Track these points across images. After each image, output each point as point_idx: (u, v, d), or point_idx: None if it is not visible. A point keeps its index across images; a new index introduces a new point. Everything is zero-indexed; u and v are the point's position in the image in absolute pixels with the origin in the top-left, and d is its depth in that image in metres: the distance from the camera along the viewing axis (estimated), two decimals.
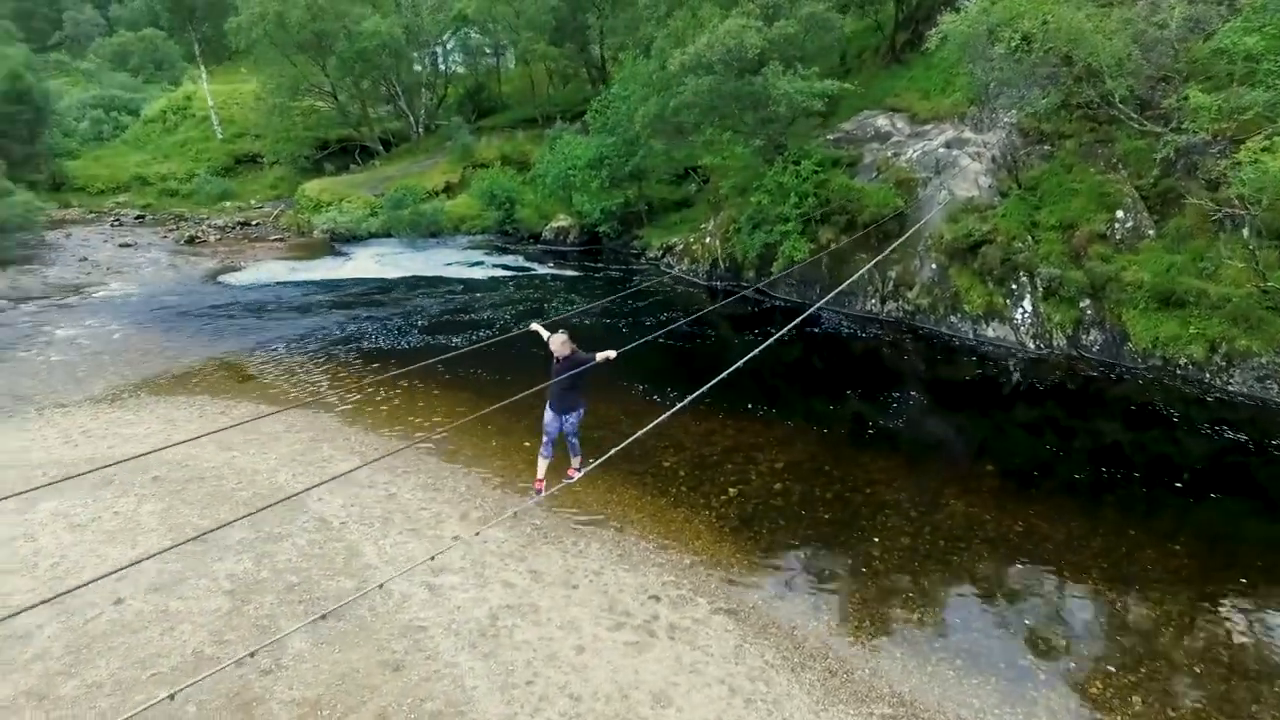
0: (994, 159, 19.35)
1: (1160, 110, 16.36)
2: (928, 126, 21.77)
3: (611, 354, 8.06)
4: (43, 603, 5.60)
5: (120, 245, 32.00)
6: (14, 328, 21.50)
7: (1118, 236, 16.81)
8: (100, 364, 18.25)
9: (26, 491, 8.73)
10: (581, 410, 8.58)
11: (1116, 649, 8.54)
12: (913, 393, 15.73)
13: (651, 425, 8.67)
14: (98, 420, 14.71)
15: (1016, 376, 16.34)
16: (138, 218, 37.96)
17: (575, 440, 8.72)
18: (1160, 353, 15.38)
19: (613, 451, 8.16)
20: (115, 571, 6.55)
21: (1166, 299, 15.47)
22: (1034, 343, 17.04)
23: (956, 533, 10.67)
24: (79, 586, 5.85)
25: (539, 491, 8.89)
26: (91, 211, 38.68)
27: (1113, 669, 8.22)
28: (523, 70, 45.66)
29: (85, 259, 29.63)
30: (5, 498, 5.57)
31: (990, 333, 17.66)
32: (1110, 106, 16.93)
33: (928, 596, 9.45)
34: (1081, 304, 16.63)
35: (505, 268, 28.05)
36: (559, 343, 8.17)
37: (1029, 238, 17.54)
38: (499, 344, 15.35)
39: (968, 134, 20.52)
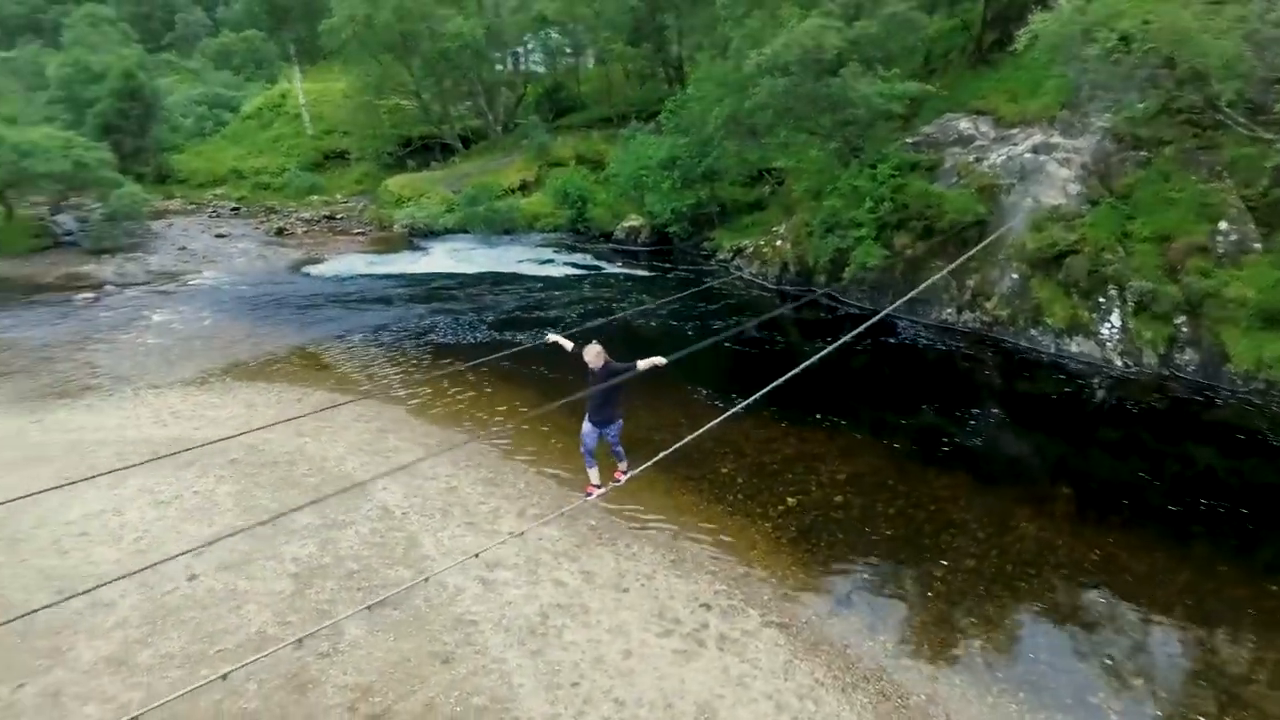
0: (1084, 165, 18.40)
1: (1274, 115, 15.22)
2: (1014, 130, 20.86)
3: (660, 360, 7.68)
4: (122, 577, 5.93)
5: (216, 235, 33.72)
6: (118, 312, 22.93)
7: (1220, 250, 15.75)
8: (191, 349, 19.27)
9: (114, 470, 9.26)
10: (620, 422, 8.40)
11: (1200, 693, 7.97)
12: (986, 408, 15.11)
13: (703, 430, 8.58)
14: (186, 402, 15.52)
15: (1100, 395, 15.49)
16: (233, 209, 39.91)
17: (619, 449, 8.64)
18: (1264, 375, 14.32)
19: (662, 455, 8.09)
20: (192, 550, 6.87)
21: (1273, 318, 14.40)
22: (1121, 360, 16.12)
23: (1026, 557, 10.18)
24: (160, 562, 6.16)
25: (589, 495, 8.88)
26: (192, 203, 40.87)
27: (1196, 715, 7.69)
28: (600, 70, 46.02)
29: (184, 248, 31.35)
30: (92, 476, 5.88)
31: (1073, 348, 16.80)
32: (1216, 111, 15.84)
33: (992, 623, 9.05)
34: (1176, 320, 15.64)
35: (576, 266, 28.30)
36: (593, 354, 7.90)
37: (1119, 249, 16.60)
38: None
39: (1056, 139, 19.56)
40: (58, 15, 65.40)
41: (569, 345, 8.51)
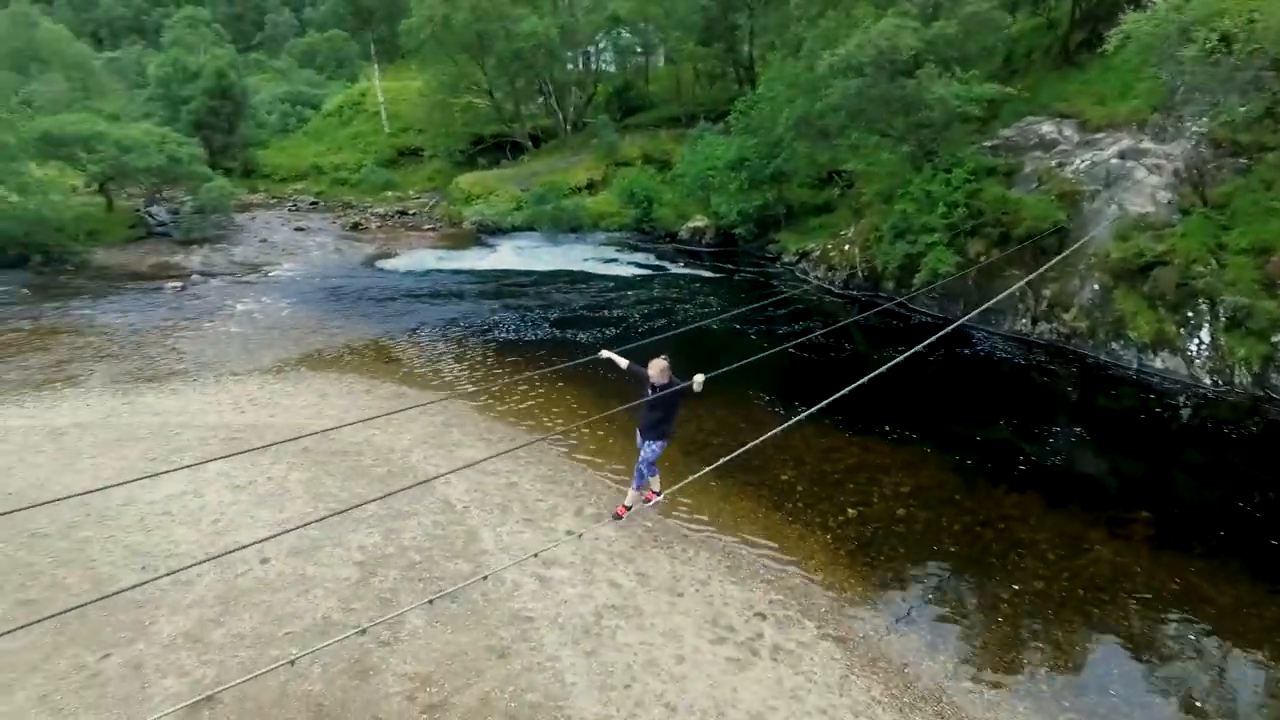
0: (1176, 172, 17.48)
1: None
2: (1100, 135, 19.98)
3: (699, 378, 7.52)
4: (207, 559, 6.21)
5: (295, 229, 35.10)
6: (204, 300, 24.10)
7: None
8: (270, 338, 20.10)
9: (200, 463, 9.70)
10: (665, 441, 8.23)
11: None
12: (1061, 424, 14.51)
13: (766, 436, 8.46)
14: (263, 390, 16.19)
15: (1186, 415, 14.71)
16: (311, 204, 41.47)
17: (647, 470, 8.57)
18: None
19: (724, 460, 8.05)
20: (282, 533, 7.15)
21: None
22: (1210, 378, 15.27)
23: (1099, 582, 9.74)
24: (243, 547, 6.43)
25: (648, 501, 8.88)
26: (274, 197, 42.65)
27: None
28: (670, 70, 46.06)
29: (265, 240, 32.73)
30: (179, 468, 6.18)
31: (1158, 364, 15.99)
32: None
33: (1060, 649, 8.69)
34: (1274, 339, 14.72)
35: (640, 265, 28.40)
36: (657, 370, 7.79)
37: (1212, 261, 15.71)
38: (630, 350, 15.53)
39: (1146, 144, 18.65)
40: (159, 17, 69.18)
41: (624, 363, 8.41)
